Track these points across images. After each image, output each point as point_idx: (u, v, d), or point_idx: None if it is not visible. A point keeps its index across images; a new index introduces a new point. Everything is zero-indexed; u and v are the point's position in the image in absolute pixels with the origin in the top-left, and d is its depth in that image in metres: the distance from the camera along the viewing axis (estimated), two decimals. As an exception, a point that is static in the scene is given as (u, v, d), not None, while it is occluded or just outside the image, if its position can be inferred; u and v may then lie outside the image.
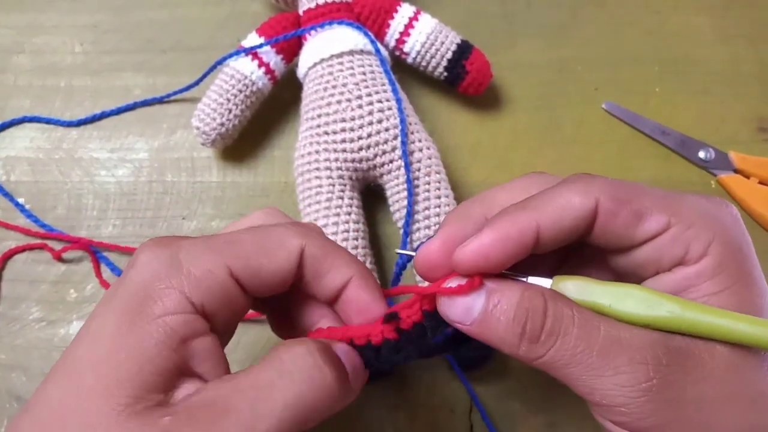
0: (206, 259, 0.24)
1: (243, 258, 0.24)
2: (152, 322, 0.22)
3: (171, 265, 0.23)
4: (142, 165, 0.48)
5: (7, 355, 0.42)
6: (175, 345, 0.22)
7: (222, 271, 0.24)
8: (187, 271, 0.23)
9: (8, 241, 0.45)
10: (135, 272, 0.23)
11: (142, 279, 0.23)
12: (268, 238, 0.25)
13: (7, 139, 0.48)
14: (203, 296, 0.23)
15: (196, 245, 0.24)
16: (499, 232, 0.24)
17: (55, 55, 0.51)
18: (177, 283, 0.23)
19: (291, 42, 0.45)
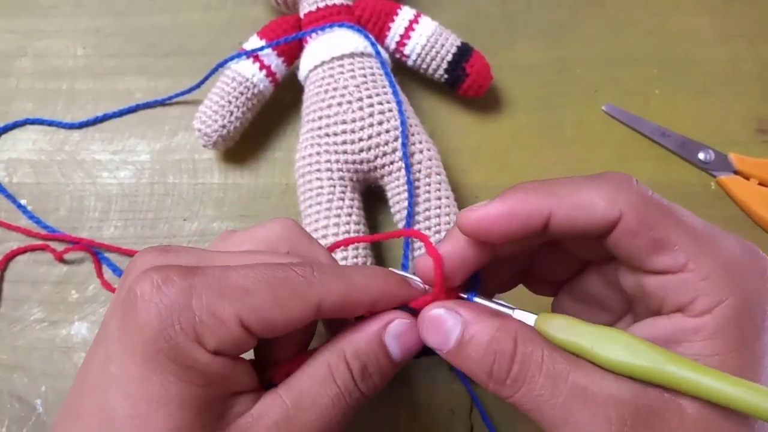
0: (218, 308, 0.23)
1: (257, 312, 0.23)
2: (189, 373, 0.22)
3: (182, 311, 0.22)
4: (143, 167, 0.48)
5: (9, 355, 0.42)
6: (217, 385, 0.23)
7: (233, 323, 0.23)
8: (199, 320, 0.22)
9: (10, 242, 0.45)
10: (142, 312, 0.22)
11: (153, 324, 0.22)
12: (282, 288, 0.24)
13: (9, 141, 0.49)
14: (217, 344, 0.23)
15: (206, 289, 0.23)
16: (508, 206, 0.24)
17: (58, 58, 0.51)
18: (191, 334, 0.22)
19: (292, 45, 0.46)
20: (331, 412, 0.24)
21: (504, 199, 0.24)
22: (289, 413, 0.24)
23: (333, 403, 0.24)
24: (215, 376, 0.23)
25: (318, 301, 0.24)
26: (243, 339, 0.23)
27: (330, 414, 0.24)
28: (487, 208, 0.24)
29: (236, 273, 0.24)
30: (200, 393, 0.23)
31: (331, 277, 0.25)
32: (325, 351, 0.26)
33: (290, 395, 0.24)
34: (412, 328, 0.26)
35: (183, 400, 0.22)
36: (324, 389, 0.24)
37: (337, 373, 0.25)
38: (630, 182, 0.23)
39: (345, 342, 0.26)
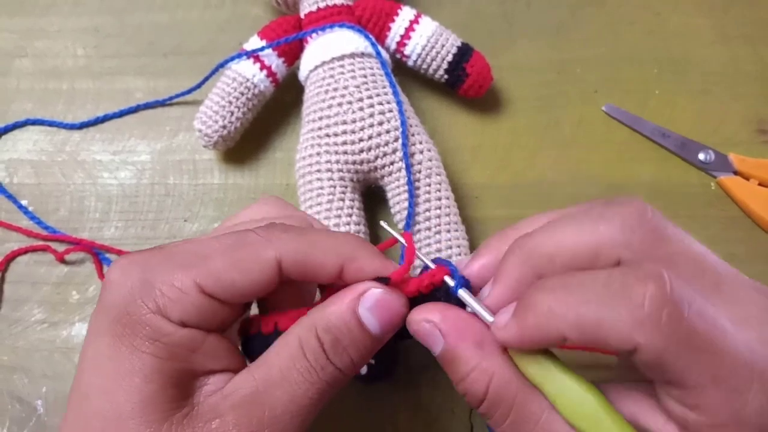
0: (176, 278, 0.23)
1: (213, 275, 0.23)
2: (151, 345, 0.23)
3: (142, 287, 0.23)
4: (144, 167, 0.48)
5: (9, 356, 0.42)
6: (182, 357, 0.23)
7: (192, 290, 0.23)
8: (159, 293, 0.23)
9: (10, 243, 0.45)
10: (109, 295, 0.24)
11: (118, 303, 0.23)
12: (240, 250, 0.24)
13: (10, 142, 0.49)
14: (181, 314, 0.23)
15: (165, 263, 0.24)
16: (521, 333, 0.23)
17: (57, 58, 0.51)
18: (153, 305, 0.23)
19: (292, 45, 0.46)
20: (301, 387, 0.23)
21: (520, 323, 0.23)
22: (258, 389, 0.23)
23: (303, 378, 0.24)
24: (181, 348, 0.23)
25: (276, 258, 0.24)
26: (207, 306, 0.23)
27: (300, 389, 0.23)
28: (507, 332, 0.23)
29: (195, 244, 0.24)
30: (166, 366, 0.23)
31: (292, 235, 0.25)
32: (297, 325, 0.25)
33: (260, 371, 0.24)
34: (389, 298, 0.25)
35: (148, 373, 0.22)
36: (293, 363, 0.24)
37: (307, 347, 0.24)
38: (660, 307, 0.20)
39: (317, 315, 0.25)
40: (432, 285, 0.26)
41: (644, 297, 0.20)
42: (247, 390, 0.23)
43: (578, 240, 0.23)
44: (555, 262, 0.23)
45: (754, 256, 0.45)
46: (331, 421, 0.41)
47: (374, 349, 0.25)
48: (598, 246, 0.22)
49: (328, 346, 0.24)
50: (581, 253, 0.23)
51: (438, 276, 0.26)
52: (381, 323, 0.25)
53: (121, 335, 0.23)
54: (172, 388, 0.23)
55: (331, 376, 0.24)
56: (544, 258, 0.23)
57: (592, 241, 0.22)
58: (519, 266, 0.24)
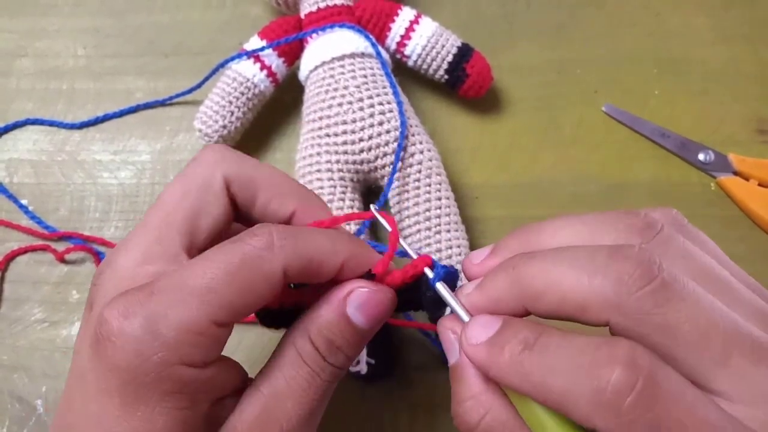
0: (189, 322, 0.22)
1: (226, 307, 0.22)
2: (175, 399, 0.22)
3: (154, 340, 0.21)
4: (144, 167, 0.48)
5: (9, 356, 0.43)
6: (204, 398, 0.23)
7: (209, 328, 0.22)
8: (175, 342, 0.21)
9: (11, 242, 0.45)
10: (113, 352, 0.22)
11: (128, 363, 0.21)
12: (245, 271, 0.23)
13: (10, 142, 0.49)
14: (203, 357, 0.22)
15: (171, 307, 0.22)
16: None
17: (58, 58, 0.51)
18: (172, 359, 0.21)
19: (293, 45, 0.46)
20: (308, 393, 0.24)
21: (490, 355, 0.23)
22: (268, 404, 0.24)
23: (308, 384, 0.24)
24: (203, 388, 0.23)
25: (283, 270, 0.23)
26: (223, 334, 0.23)
27: (307, 395, 0.24)
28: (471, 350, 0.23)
29: (192, 275, 0.22)
30: (187, 414, 0.22)
31: (293, 241, 0.24)
32: (290, 334, 0.25)
33: (265, 385, 0.24)
34: (373, 294, 0.25)
35: (169, 428, 0.22)
36: (296, 372, 0.24)
37: (304, 353, 0.25)
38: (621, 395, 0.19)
39: (308, 321, 0.25)
40: (415, 276, 0.27)
41: (608, 381, 0.19)
42: (258, 408, 0.24)
43: (571, 287, 0.21)
44: (542, 301, 0.22)
45: (754, 255, 0.45)
46: (332, 421, 0.41)
47: (366, 341, 0.26)
48: (587, 301, 0.21)
49: (323, 349, 0.25)
50: (570, 301, 0.21)
51: (419, 266, 0.26)
52: (369, 319, 0.25)
53: (136, 396, 0.21)
54: (199, 428, 0.23)
55: (331, 375, 0.25)
56: (532, 291, 0.23)
57: (584, 293, 0.21)
58: (507, 288, 0.24)
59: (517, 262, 0.24)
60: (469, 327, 0.24)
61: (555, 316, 0.22)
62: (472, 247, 0.42)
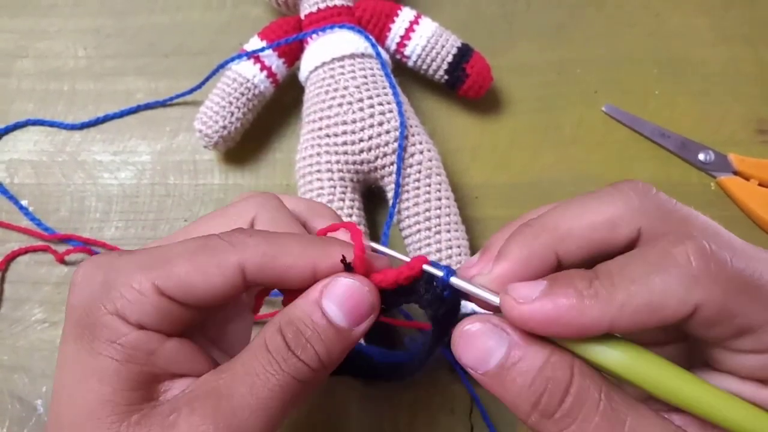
0: (135, 279, 0.23)
1: (173, 278, 0.23)
2: (107, 347, 0.23)
3: (103, 288, 0.23)
4: (144, 168, 0.48)
5: (9, 356, 0.43)
6: (139, 360, 0.23)
7: (151, 292, 0.23)
8: (118, 294, 0.23)
9: (11, 243, 0.45)
10: (73, 296, 0.24)
11: (80, 304, 0.23)
12: (202, 254, 0.23)
13: (10, 142, 0.49)
14: (138, 316, 0.23)
15: (127, 265, 0.24)
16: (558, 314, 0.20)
17: (58, 59, 0.51)
18: (111, 307, 0.23)
19: (293, 46, 0.46)
20: (260, 378, 0.23)
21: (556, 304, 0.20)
22: (218, 383, 0.23)
23: (264, 370, 0.23)
24: (139, 350, 0.23)
25: (239, 262, 0.23)
26: (166, 308, 0.23)
27: (260, 380, 0.22)
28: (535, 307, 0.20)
29: (159, 248, 0.24)
30: (123, 368, 0.23)
31: (258, 239, 0.24)
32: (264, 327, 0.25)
33: (222, 369, 0.23)
34: (356, 288, 0.24)
35: (104, 375, 0.22)
36: (255, 357, 0.23)
37: (270, 341, 0.23)
38: (707, 259, 0.20)
39: (282, 313, 0.24)
40: (412, 277, 0.25)
41: (688, 255, 0.20)
42: (207, 386, 0.23)
43: (595, 213, 0.22)
44: (572, 236, 0.22)
45: (754, 256, 0.45)
46: (331, 420, 0.41)
47: (344, 343, 0.24)
48: (615, 216, 0.22)
49: (290, 338, 0.23)
50: (600, 224, 0.22)
51: (417, 266, 0.24)
52: (347, 315, 0.24)
53: (81, 337, 0.23)
54: (131, 390, 0.23)
55: (296, 369, 0.23)
56: (560, 231, 0.22)
57: (609, 212, 0.22)
58: (530, 242, 0.22)
59: (530, 221, 0.23)
60: (513, 291, 0.21)
61: (588, 248, 0.22)
62: (472, 246, 0.42)
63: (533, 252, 0.22)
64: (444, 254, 0.41)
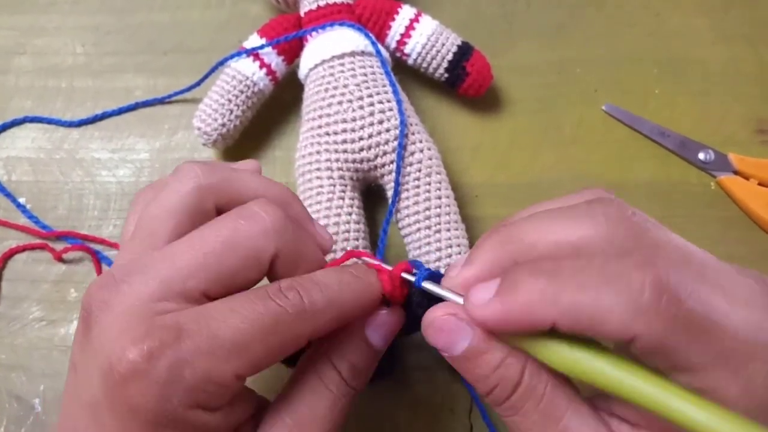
0: (215, 373, 0.22)
1: (252, 364, 0.22)
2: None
3: (178, 386, 0.21)
4: (143, 165, 0.48)
5: (8, 354, 0.42)
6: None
7: (232, 382, 0.22)
8: (197, 389, 0.22)
9: (9, 240, 0.45)
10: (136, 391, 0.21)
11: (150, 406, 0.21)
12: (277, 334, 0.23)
13: (8, 139, 0.49)
14: (220, 404, 0.23)
15: (200, 355, 0.21)
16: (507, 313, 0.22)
17: (57, 56, 0.51)
18: (192, 402, 0.22)
19: (292, 43, 0.46)
20: (331, 418, 0.25)
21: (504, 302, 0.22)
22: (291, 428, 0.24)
23: (331, 409, 0.25)
24: (218, 427, 0.23)
25: (311, 335, 0.24)
26: (241, 387, 0.23)
27: (331, 420, 0.25)
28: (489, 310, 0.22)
29: (223, 327, 0.22)
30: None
31: (323, 307, 0.24)
32: (311, 360, 0.26)
33: (289, 415, 0.25)
34: (390, 315, 0.27)
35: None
36: (319, 399, 0.25)
37: (327, 379, 0.25)
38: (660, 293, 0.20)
39: (329, 345, 0.26)
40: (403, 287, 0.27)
41: (643, 284, 0.20)
42: None
43: (562, 231, 0.23)
44: (536, 249, 0.23)
45: (754, 256, 0.45)
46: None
47: (378, 359, 0.27)
48: (581, 239, 0.22)
49: (346, 374, 0.25)
50: (563, 245, 0.23)
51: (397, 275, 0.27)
52: (384, 339, 0.27)
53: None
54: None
55: (352, 397, 0.26)
56: (525, 244, 0.23)
57: (576, 235, 0.23)
58: (496, 249, 0.24)
59: (501, 228, 0.24)
60: (471, 294, 0.23)
61: None
62: (471, 246, 0.42)
63: (496, 260, 0.24)
64: (444, 253, 0.41)
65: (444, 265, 0.40)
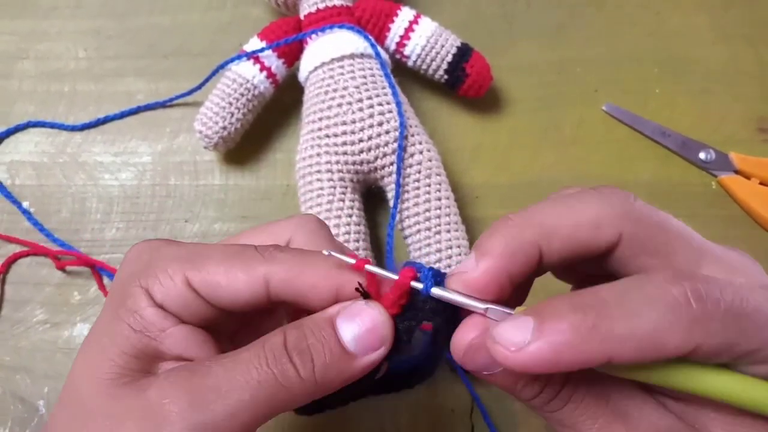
0: (171, 266, 0.25)
1: (203, 273, 0.24)
2: (129, 315, 0.24)
3: (144, 267, 0.25)
4: (145, 168, 0.48)
5: (12, 357, 0.43)
6: (150, 333, 0.24)
7: (180, 281, 0.24)
8: (153, 274, 0.25)
9: (13, 244, 0.45)
10: (121, 270, 0.26)
11: (123, 277, 0.25)
12: (235, 259, 0.24)
13: (11, 144, 0.49)
14: (163, 297, 0.24)
15: (170, 253, 0.25)
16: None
17: (59, 60, 0.52)
18: (144, 283, 0.25)
19: (292, 46, 0.46)
20: (244, 371, 0.22)
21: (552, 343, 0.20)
22: (202, 364, 0.23)
23: (250, 362, 0.22)
24: (152, 325, 0.24)
25: (265, 273, 0.24)
26: (190, 299, 0.24)
27: (243, 374, 0.22)
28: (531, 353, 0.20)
29: (203, 246, 0.26)
30: (133, 336, 0.24)
31: (288, 255, 0.25)
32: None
33: (218, 356, 0.24)
34: (375, 316, 0.23)
35: (115, 337, 0.24)
36: (248, 349, 0.23)
37: (269, 338, 0.23)
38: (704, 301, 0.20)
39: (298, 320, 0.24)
40: (407, 294, 0.24)
41: (686, 296, 0.20)
42: (192, 364, 0.23)
43: (579, 212, 0.23)
44: (557, 233, 0.22)
45: (755, 255, 0.44)
46: (332, 420, 0.41)
47: (345, 367, 0.23)
48: (599, 217, 0.22)
49: (290, 340, 0.23)
50: (584, 224, 0.22)
51: (405, 283, 0.23)
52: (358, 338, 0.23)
53: (113, 302, 0.25)
54: (134, 357, 0.24)
55: (282, 371, 0.22)
56: (545, 228, 0.22)
57: (593, 212, 0.23)
58: (514, 237, 0.22)
59: (514, 216, 0.23)
60: (501, 338, 0.20)
61: (570, 247, 0.23)
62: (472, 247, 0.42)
63: (518, 247, 0.22)
64: (444, 254, 0.41)
65: (444, 267, 0.40)
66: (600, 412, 0.22)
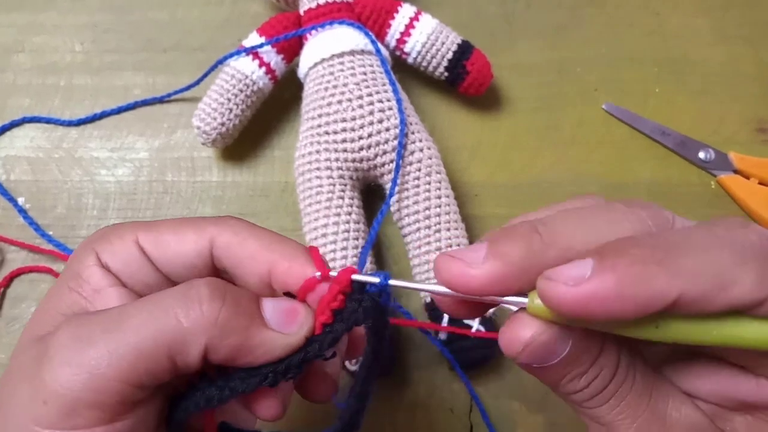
0: (125, 229, 0.26)
1: (154, 232, 0.25)
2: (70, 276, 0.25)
3: (101, 235, 0.26)
4: (142, 164, 0.47)
5: (7, 354, 0.42)
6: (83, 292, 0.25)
7: (130, 239, 0.25)
8: (107, 238, 0.26)
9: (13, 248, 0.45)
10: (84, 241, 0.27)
11: (80, 244, 0.26)
12: (185, 224, 0.26)
13: (7, 139, 0.48)
14: (110, 258, 0.25)
15: (125, 224, 0.26)
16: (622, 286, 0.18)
17: (55, 54, 0.51)
18: (95, 246, 0.25)
19: (292, 42, 0.45)
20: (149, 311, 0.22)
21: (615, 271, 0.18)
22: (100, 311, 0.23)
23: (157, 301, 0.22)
24: (87, 285, 0.24)
25: (211, 234, 0.25)
26: (135, 257, 0.25)
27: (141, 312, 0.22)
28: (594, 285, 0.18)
29: (163, 220, 0.27)
30: (66, 296, 0.24)
31: (236, 222, 0.26)
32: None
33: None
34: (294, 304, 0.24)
35: (52, 297, 0.25)
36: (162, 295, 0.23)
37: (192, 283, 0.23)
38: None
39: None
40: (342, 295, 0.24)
41: (760, 238, 0.18)
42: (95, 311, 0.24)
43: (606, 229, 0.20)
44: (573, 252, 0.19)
45: (754, 255, 0.45)
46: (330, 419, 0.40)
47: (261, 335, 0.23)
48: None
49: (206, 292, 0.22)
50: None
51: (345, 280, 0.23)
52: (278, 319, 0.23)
53: (67, 270, 0.26)
54: (64, 317, 0.24)
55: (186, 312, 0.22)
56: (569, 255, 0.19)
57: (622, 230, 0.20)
58: (534, 255, 0.20)
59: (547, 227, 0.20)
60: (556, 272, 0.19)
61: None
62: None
63: (535, 265, 0.19)
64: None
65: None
66: (640, 412, 0.21)
